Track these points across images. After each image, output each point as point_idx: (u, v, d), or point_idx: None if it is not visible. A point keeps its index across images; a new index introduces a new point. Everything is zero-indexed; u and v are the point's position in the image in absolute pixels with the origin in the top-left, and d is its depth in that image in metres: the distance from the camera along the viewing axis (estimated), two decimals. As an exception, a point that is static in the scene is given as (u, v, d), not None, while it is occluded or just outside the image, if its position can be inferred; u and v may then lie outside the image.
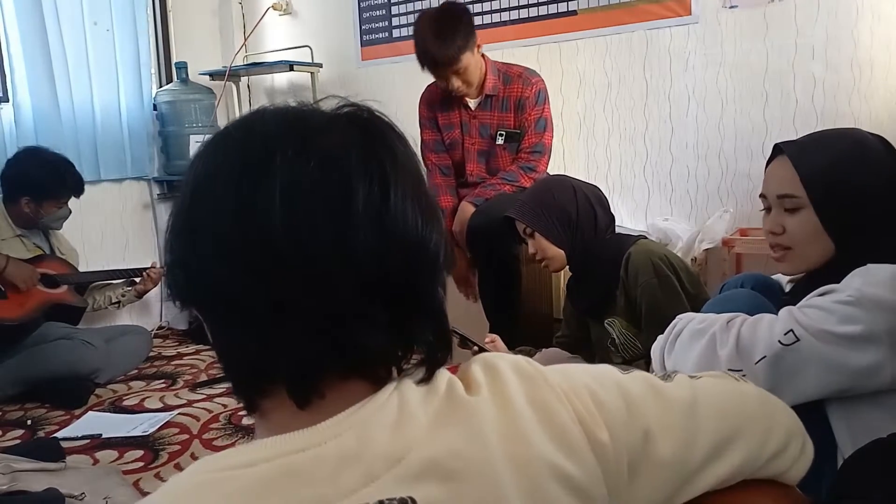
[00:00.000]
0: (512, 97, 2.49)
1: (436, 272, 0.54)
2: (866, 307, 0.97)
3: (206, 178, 0.52)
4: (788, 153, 1.13)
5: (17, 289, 2.52)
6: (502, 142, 2.52)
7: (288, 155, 0.50)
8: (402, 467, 0.48)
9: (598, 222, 1.85)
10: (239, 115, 0.56)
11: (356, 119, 0.55)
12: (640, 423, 0.56)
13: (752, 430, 0.62)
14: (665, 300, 1.69)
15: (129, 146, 3.39)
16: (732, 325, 1.08)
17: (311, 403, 0.51)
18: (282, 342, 0.50)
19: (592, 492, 0.53)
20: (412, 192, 0.53)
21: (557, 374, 0.58)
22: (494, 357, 0.58)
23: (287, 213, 0.48)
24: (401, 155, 0.54)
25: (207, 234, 0.50)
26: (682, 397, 0.60)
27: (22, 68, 2.96)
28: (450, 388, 0.53)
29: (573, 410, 0.54)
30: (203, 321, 0.54)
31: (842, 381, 0.99)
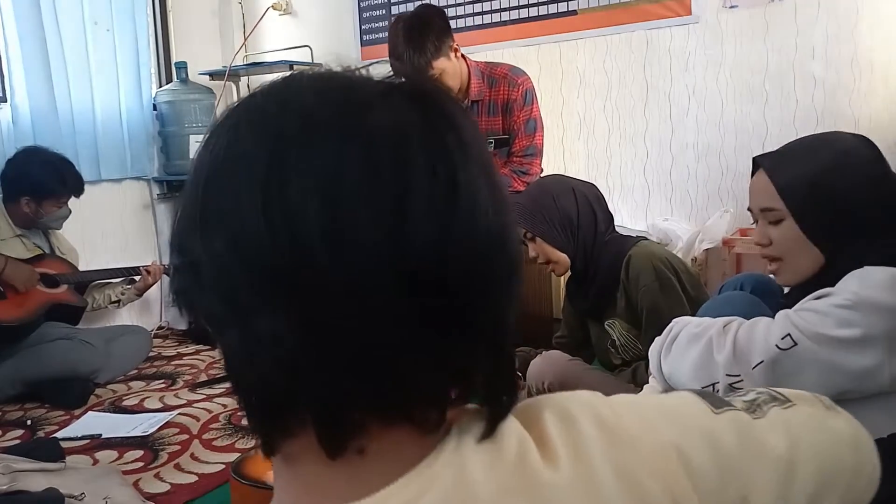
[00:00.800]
0: (499, 100, 2.46)
1: (513, 281, 0.44)
2: (863, 310, 0.96)
3: (225, 162, 0.41)
4: (764, 166, 1.14)
5: (16, 289, 2.52)
6: (492, 147, 2.48)
7: (330, 137, 0.40)
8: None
9: (598, 223, 1.85)
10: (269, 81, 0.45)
11: (415, 93, 0.43)
12: (735, 490, 0.47)
13: (844, 479, 0.54)
14: (666, 303, 1.69)
15: (129, 146, 3.39)
16: (729, 329, 1.07)
17: (345, 455, 0.41)
18: (309, 371, 0.39)
19: None
20: (485, 182, 0.42)
21: (638, 422, 0.46)
22: (570, 403, 0.46)
23: (325, 210, 0.38)
24: (469, 137, 0.43)
25: (225, 233, 0.40)
26: (778, 450, 0.50)
27: (20, 68, 2.96)
28: (521, 453, 0.42)
29: (665, 485, 0.44)
30: (214, 337, 0.43)
31: (840, 383, 0.98)
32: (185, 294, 0.43)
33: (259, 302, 0.39)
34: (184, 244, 0.43)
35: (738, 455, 0.48)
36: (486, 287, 0.42)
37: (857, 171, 1.06)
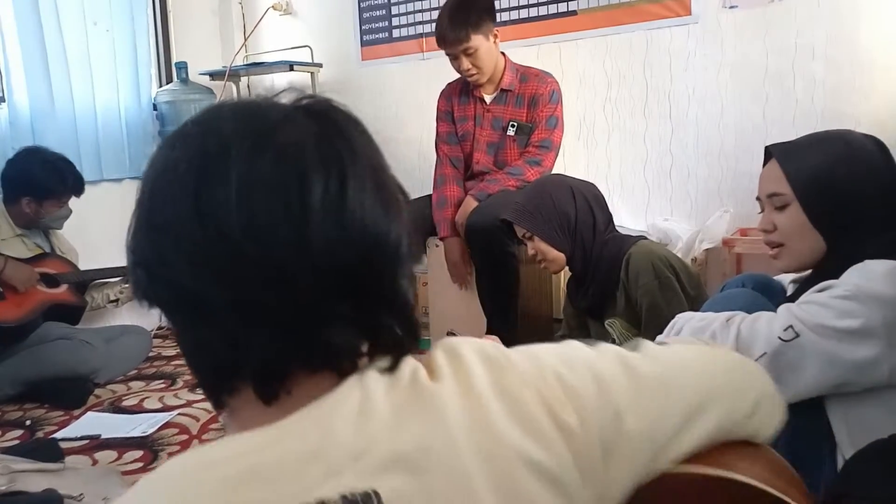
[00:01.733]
0: (527, 94, 2.55)
1: (397, 265, 0.54)
2: (864, 302, 0.98)
3: (163, 177, 0.52)
4: (776, 154, 1.17)
5: (16, 289, 2.52)
6: (513, 133, 2.56)
7: (243, 150, 0.50)
8: (365, 461, 0.48)
9: (597, 223, 1.85)
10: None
11: (313, 111, 0.54)
12: (611, 403, 0.56)
13: (723, 394, 0.62)
14: (665, 301, 1.69)
15: (129, 146, 3.39)
16: (732, 322, 1.09)
17: (279, 399, 0.51)
18: (246, 339, 0.50)
19: (564, 478, 0.52)
20: (372, 184, 0.53)
21: (524, 357, 0.57)
22: (458, 341, 0.58)
23: (243, 210, 0.48)
24: (359, 146, 0.54)
25: (166, 233, 0.50)
26: (652, 371, 0.60)
27: (20, 68, 2.96)
28: (413, 376, 0.54)
29: (539, 395, 0.54)
30: (168, 321, 0.54)
31: (840, 375, 1.00)
32: (140, 287, 0.53)
33: (199, 288, 0.49)
34: (136, 245, 0.53)
35: (611, 376, 0.58)
36: (376, 267, 0.52)
37: (863, 164, 1.10)
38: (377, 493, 0.47)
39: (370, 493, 0.47)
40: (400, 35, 3.47)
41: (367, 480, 0.47)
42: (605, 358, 0.60)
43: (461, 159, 2.69)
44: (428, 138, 2.89)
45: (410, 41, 3.44)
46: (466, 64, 2.47)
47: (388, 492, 0.47)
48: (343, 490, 0.46)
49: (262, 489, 0.46)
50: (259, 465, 0.47)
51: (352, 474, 0.47)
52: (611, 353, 0.61)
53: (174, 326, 0.55)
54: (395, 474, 0.48)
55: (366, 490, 0.47)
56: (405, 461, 0.48)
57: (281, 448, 0.48)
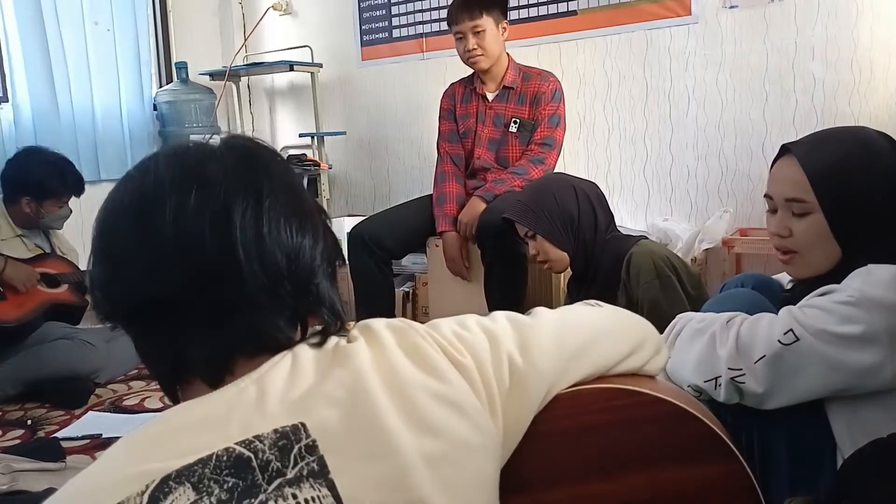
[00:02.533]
0: (529, 92, 2.57)
1: (313, 267, 0.64)
2: (866, 307, 0.96)
3: (112, 212, 0.63)
4: (797, 154, 1.10)
5: (16, 289, 2.52)
6: (515, 129, 2.58)
7: (175, 183, 0.60)
8: (294, 405, 0.57)
9: (599, 222, 1.85)
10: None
11: (233, 146, 0.65)
12: (503, 349, 0.68)
13: (603, 337, 0.75)
14: (666, 300, 1.69)
15: (130, 146, 3.39)
16: (732, 324, 1.08)
17: (223, 382, 0.60)
18: (189, 338, 0.60)
19: (463, 404, 0.62)
20: (285, 199, 0.63)
21: (426, 326, 0.69)
22: (371, 320, 0.68)
23: (177, 230, 0.59)
24: (274, 170, 0.64)
25: (117, 257, 0.61)
26: (537, 323, 0.73)
27: (21, 68, 2.96)
28: (336, 345, 0.64)
29: (437, 346, 0.65)
30: (126, 333, 0.63)
31: (842, 380, 0.99)
32: (99, 306, 0.63)
33: (146, 299, 0.59)
34: (92, 272, 0.63)
35: (502, 328, 0.70)
36: (294, 272, 0.62)
37: (886, 169, 1.05)
38: (304, 424, 0.56)
39: (298, 425, 0.56)
40: (400, 35, 3.47)
41: (296, 417, 0.56)
42: (495, 319, 0.72)
43: (462, 157, 2.71)
44: (428, 138, 2.89)
45: (410, 41, 3.44)
46: (472, 43, 2.50)
47: (314, 422, 0.56)
48: (275, 426, 0.55)
49: (205, 433, 0.55)
50: (202, 416, 0.57)
51: (283, 414, 0.56)
52: (501, 315, 0.73)
53: (131, 336, 0.63)
54: (320, 409, 0.57)
55: (294, 423, 0.56)
56: (328, 398, 0.58)
57: (221, 400, 0.58)
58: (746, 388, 1.02)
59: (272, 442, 0.55)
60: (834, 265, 1.08)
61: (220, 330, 0.60)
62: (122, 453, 0.57)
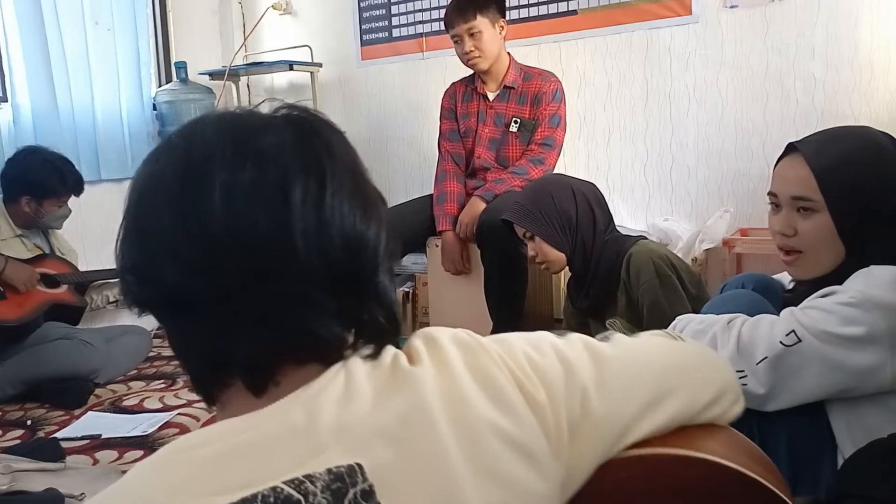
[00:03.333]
0: (530, 92, 2.58)
1: (376, 262, 0.56)
2: (868, 309, 0.96)
3: (150, 185, 0.55)
4: (804, 153, 1.09)
5: (16, 289, 2.52)
6: (516, 129, 2.58)
7: (225, 157, 0.52)
8: (348, 439, 0.50)
9: (597, 223, 1.85)
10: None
11: (291, 118, 0.57)
12: (578, 383, 0.60)
13: (686, 383, 0.66)
14: (666, 300, 1.69)
15: (130, 146, 3.39)
16: (733, 325, 1.08)
17: (267, 391, 0.53)
18: (233, 334, 0.52)
19: (534, 450, 0.55)
20: (350, 185, 0.55)
21: (495, 342, 0.61)
22: (434, 329, 0.61)
23: (226, 211, 0.51)
24: (337, 150, 0.56)
25: (154, 238, 0.53)
26: (617, 356, 0.64)
27: (21, 68, 2.96)
28: (394, 361, 0.57)
29: (511, 374, 0.58)
30: (159, 323, 0.57)
31: (843, 381, 0.99)
32: (131, 292, 0.55)
33: (187, 288, 0.51)
34: (124, 251, 0.55)
35: (577, 359, 0.61)
36: (356, 264, 0.55)
37: (892, 170, 1.05)
38: (361, 466, 0.49)
39: (354, 466, 0.49)
40: (400, 35, 3.47)
41: (352, 455, 0.50)
42: (571, 344, 0.64)
43: (462, 156, 2.71)
44: (428, 138, 2.89)
45: (410, 41, 3.44)
46: (469, 45, 2.50)
47: (372, 463, 0.50)
48: (329, 465, 0.49)
49: (248, 465, 0.48)
50: (247, 444, 0.49)
51: (336, 450, 0.50)
52: (577, 340, 0.65)
53: (165, 328, 0.57)
54: (376, 447, 0.51)
55: (350, 464, 0.49)
56: (386, 434, 0.51)
57: (266, 427, 0.50)
58: (748, 389, 1.01)
59: (325, 484, 0.48)
60: (837, 266, 1.07)
61: (267, 329, 0.52)
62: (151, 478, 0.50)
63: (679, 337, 0.72)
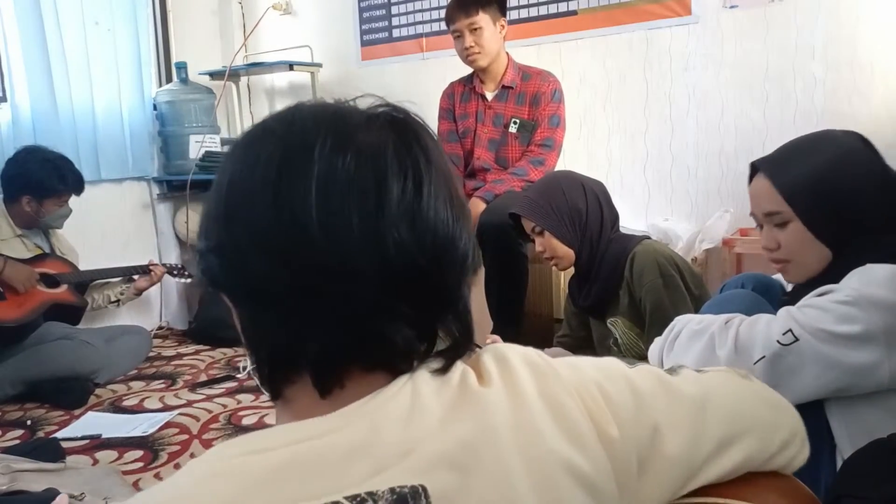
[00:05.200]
0: (529, 92, 2.58)
1: (464, 271, 0.55)
2: (864, 307, 0.97)
3: (244, 168, 0.53)
4: (763, 170, 1.14)
5: (15, 290, 2.52)
6: (515, 130, 2.58)
7: (326, 149, 0.51)
8: (412, 459, 0.48)
9: (605, 220, 1.85)
10: (274, 111, 0.58)
11: (393, 119, 0.56)
12: (649, 419, 0.57)
13: (757, 429, 0.63)
14: (669, 300, 1.69)
15: (130, 146, 3.39)
16: (730, 325, 1.08)
17: (332, 393, 0.52)
18: (310, 330, 0.51)
19: (603, 487, 0.53)
20: (444, 191, 0.54)
21: (566, 367, 0.58)
22: (505, 348, 0.58)
23: (322, 205, 0.49)
24: (434, 155, 0.55)
25: (243, 222, 0.51)
26: (690, 394, 0.61)
27: (21, 68, 2.96)
28: (463, 379, 0.54)
29: (583, 405, 0.55)
30: (232, 308, 0.55)
31: (840, 379, 0.99)
32: (211, 272, 0.54)
33: (269, 276, 0.50)
34: (210, 231, 0.54)
35: (650, 393, 0.59)
36: (443, 271, 0.53)
37: (857, 167, 1.07)
38: (425, 489, 0.47)
39: (418, 488, 0.47)
40: (400, 35, 3.47)
41: (415, 477, 0.48)
42: (643, 375, 0.61)
43: (461, 157, 2.71)
44: (428, 138, 2.89)
45: (410, 41, 3.44)
46: (470, 41, 2.50)
47: (436, 488, 0.48)
48: (392, 483, 0.47)
49: (307, 478, 0.47)
50: (305, 455, 0.48)
51: (399, 471, 0.48)
52: (648, 372, 0.62)
53: (239, 312, 0.55)
54: (441, 472, 0.49)
55: (414, 485, 0.47)
56: (452, 460, 0.49)
57: (329, 440, 0.49)
58: (747, 388, 1.02)
59: (387, 503, 0.47)
60: (827, 264, 1.10)
61: (343, 330, 0.51)
62: (208, 486, 0.47)
63: (747, 376, 0.68)
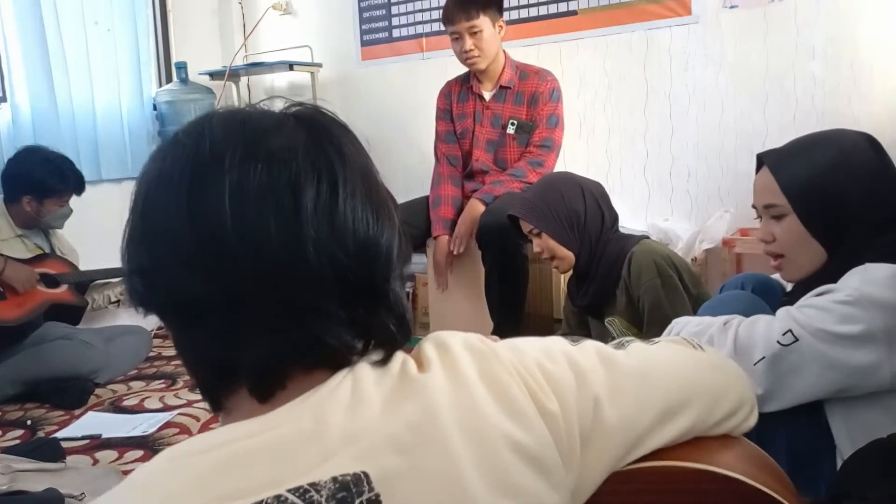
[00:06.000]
0: (527, 92, 2.55)
1: (389, 267, 0.55)
2: (864, 306, 0.97)
3: (157, 185, 0.53)
4: (768, 163, 1.15)
5: (15, 290, 2.52)
6: (513, 131, 2.56)
7: (235, 158, 0.51)
8: (357, 444, 0.49)
9: (605, 222, 1.85)
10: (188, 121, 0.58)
11: (302, 118, 0.56)
12: (590, 392, 0.58)
13: (702, 396, 0.64)
14: (668, 300, 1.69)
15: (130, 146, 3.39)
16: (729, 326, 1.08)
17: (274, 396, 0.52)
18: (241, 342, 0.51)
19: (546, 460, 0.54)
20: (362, 188, 0.54)
21: (507, 349, 0.59)
22: (446, 334, 0.59)
23: (237, 215, 0.49)
24: (349, 152, 0.55)
25: (161, 240, 0.51)
26: (632, 365, 0.62)
27: (20, 68, 2.96)
28: (403, 367, 0.55)
29: (523, 383, 0.56)
30: (165, 326, 0.55)
31: (841, 380, 0.99)
32: (136, 293, 0.54)
33: (195, 291, 0.50)
34: (130, 252, 0.54)
35: (591, 368, 0.60)
36: (368, 268, 0.53)
37: (857, 167, 1.07)
38: (367, 474, 0.48)
39: (360, 475, 0.48)
40: (400, 35, 3.47)
41: (359, 463, 0.48)
42: (584, 351, 0.62)
43: (459, 158, 2.69)
44: (428, 138, 2.89)
45: (410, 41, 3.44)
46: (469, 44, 2.46)
47: (378, 472, 0.48)
48: (335, 472, 0.47)
49: (254, 471, 0.47)
50: (252, 449, 0.48)
51: (344, 457, 0.48)
52: (591, 348, 0.63)
53: (171, 330, 0.55)
54: (385, 456, 0.49)
55: (356, 472, 0.48)
56: (395, 442, 0.50)
57: (275, 433, 0.49)
58: (746, 389, 1.02)
59: (330, 493, 0.47)
60: (821, 264, 1.11)
61: (276, 337, 0.51)
62: (150, 486, 0.48)
63: (698, 346, 0.69)
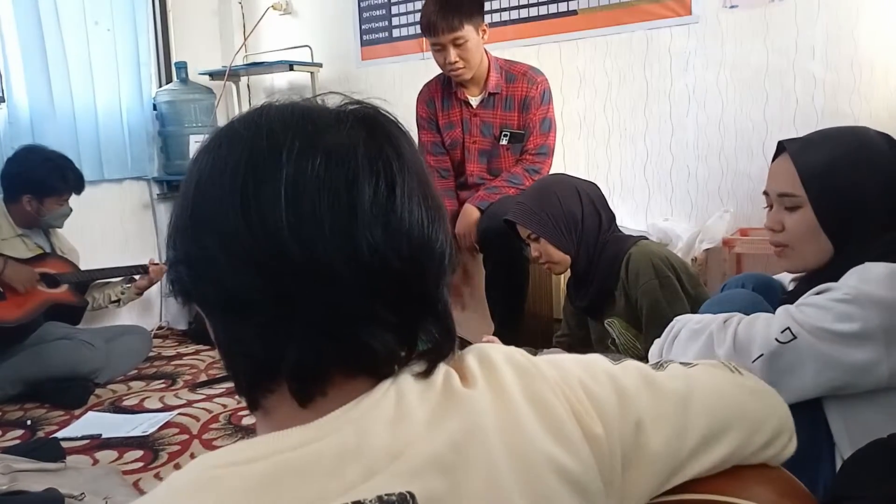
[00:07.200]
0: (516, 96, 2.44)
1: (441, 272, 0.54)
2: (862, 305, 0.97)
3: (210, 174, 0.51)
4: (790, 151, 1.13)
5: (16, 290, 2.52)
6: (506, 142, 2.47)
7: (293, 152, 0.49)
8: (401, 462, 0.47)
9: (602, 224, 1.84)
10: (241, 112, 0.56)
11: (362, 117, 0.54)
12: (633, 415, 0.57)
13: (743, 423, 0.62)
14: (666, 300, 1.69)
15: (129, 146, 3.39)
16: (729, 324, 1.08)
17: (314, 401, 0.50)
18: (286, 340, 0.49)
19: (588, 485, 0.53)
20: (418, 191, 0.52)
21: (550, 366, 0.58)
22: (489, 348, 0.58)
23: (292, 210, 0.48)
24: (407, 154, 0.53)
25: (212, 230, 0.50)
26: (674, 389, 0.61)
27: (20, 68, 2.96)
28: (446, 380, 0.53)
29: (568, 404, 0.55)
30: (206, 318, 0.54)
31: (838, 378, 0.99)
32: (180, 283, 0.53)
33: (242, 286, 0.49)
34: (177, 241, 0.52)
35: (634, 390, 0.58)
36: (420, 273, 0.52)
37: (878, 167, 1.07)
38: (412, 495, 0.46)
39: (406, 495, 0.46)
40: (400, 35, 3.47)
41: (403, 482, 0.47)
42: (627, 372, 0.60)
43: (450, 169, 2.58)
44: (428, 138, 2.88)
45: (410, 41, 3.44)
46: (454, 56, 2.31)
47: (423, 493, 0.47)
48: (380, 491, 0.46)
49: (298, 486, 0.45)
50: (295, 463, 0.46)
51: (388, 475, 0.47)
52: (633, 368, 0.61)
53: (213, 324, 0.53)
54: (429, 476, 0.48)
55: (401, 492, 0.46)
56: (439, 462, 0.48)
57: (318, 446, 0.47)
58: (745, 388, 1.02)
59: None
60: (826, 260, 1.10)
61: (322, 337, 0.49)
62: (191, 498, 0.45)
63: (736, 369, 0.68)
